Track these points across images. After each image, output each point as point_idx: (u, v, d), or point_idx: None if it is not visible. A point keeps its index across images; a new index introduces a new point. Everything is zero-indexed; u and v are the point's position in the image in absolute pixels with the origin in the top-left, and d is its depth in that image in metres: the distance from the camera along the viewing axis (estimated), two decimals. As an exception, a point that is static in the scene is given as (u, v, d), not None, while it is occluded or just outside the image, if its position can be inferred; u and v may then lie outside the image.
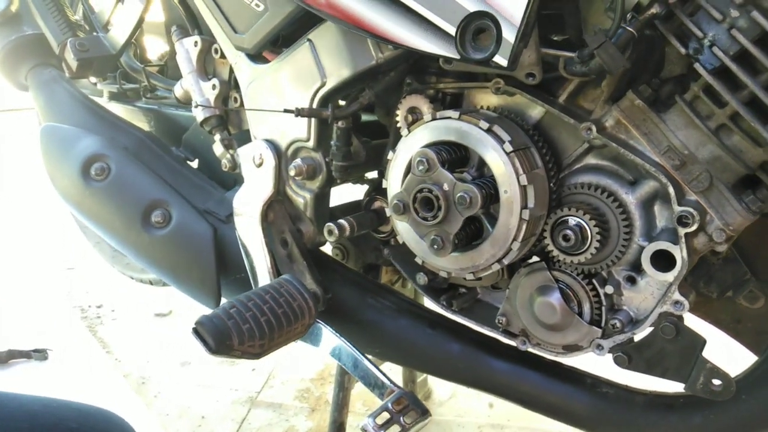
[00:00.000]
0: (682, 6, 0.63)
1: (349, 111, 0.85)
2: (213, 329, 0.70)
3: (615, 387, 0.86)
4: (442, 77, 0.83)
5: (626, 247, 0.74)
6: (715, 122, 0.66)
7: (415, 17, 0.67)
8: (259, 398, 1.66)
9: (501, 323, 0.86)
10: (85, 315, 2.17)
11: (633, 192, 0.74)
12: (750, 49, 0.59)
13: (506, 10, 0.61)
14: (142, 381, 1.76)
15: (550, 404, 0.89)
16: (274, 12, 0.85)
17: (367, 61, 0.80)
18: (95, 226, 1.10)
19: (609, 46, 0.58)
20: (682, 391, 0.80)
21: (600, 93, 0.74)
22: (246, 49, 0.93)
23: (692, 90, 0.67)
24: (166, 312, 2.17)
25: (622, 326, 0.76)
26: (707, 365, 0.72)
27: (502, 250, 0.74)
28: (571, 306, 0.79)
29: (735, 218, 0.68)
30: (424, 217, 0.76)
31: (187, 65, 1.09)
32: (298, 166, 0.92)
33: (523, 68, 0.69)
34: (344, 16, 0.72)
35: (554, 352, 0.83)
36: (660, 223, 0.74)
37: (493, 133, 0.72)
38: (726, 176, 0.68)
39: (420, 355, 0.97)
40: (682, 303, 0.71)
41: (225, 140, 1.06)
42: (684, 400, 0.81)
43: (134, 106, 1.38)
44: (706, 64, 0.62)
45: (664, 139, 0.70)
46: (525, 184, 0.71)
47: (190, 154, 1.23)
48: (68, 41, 1.18)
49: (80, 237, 1.88)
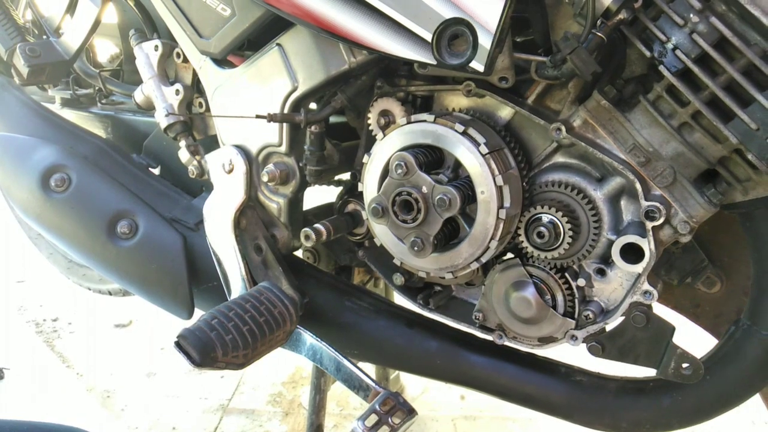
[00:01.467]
0: (645, 11, 0.65)
1: (322, 115, 0.85)
2: (196, 342, 0.69)
3: (588, 375, 0.90)
4: (412, 80, 0.84)
5: (596, 241, 0.77)
6: (678, 120, 0.70)
7: (390, 23, 0.68)
8: (230, 405, 1.64)
9: (478, 319, 0.88)
10: (41, 329, 2.08)
11: (600, 188, 0.77)
12: (710, 52, 0.62)
13: (481, 16, 0.62)
14: (108, 394, 1.70)
15: (527, 395, 0.91)
16: (241, 17, 0.84)
17: (339, 66, 0.81)
18: (57, 239, 1.06)
19: (581, 52, 0.60)
20: (651, 375, 0.84)
21: (566, 94, 0.76)
22: (212, 54, 0.92)
23: (655, 90, 0.70)
24: (126, 322, 2.10)
25: (594, 317, 0.79)
26: (678, 351, 0.76)
27: (480, 249, 0.76)
28: (546, 299, 0.81)
29: (698, 211, 0.72)
30: (404, 219, 0.77)
31: (148, 70, 1.06)
32: (271, 172, 0.91)
33: (497, 72, 0.71)
34: (318, 21, 0.72)
35: (530, 345, 0.86)
36: (627, 217, 0.77)
37: (469, 135, 0.73)
38: (688, 171, 0.72)
39: (399, 354, 0.98)
40: (651, 292, 0.75)
41: (191, 146, 1.04)
42: (653, 384, 0.85)
43: (89, 112, 1.34)
44: (669, 66, 0.65)
45: (629, 138, 0.73)
46: (501, 185, 0.72)
47: (152, 160, 1.20)
48: (17, 47, 1.13)
49: (30, 248, 1.80)
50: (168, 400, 1.67)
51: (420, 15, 0.66)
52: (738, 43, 0.61)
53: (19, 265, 2.45)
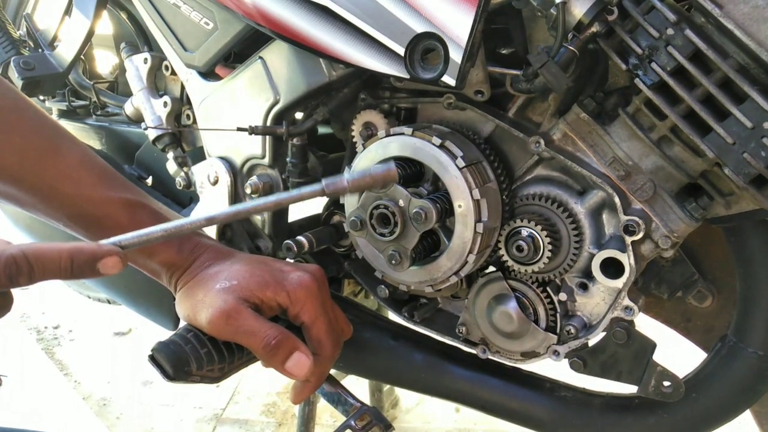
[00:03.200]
0: (621, 23, 0.65)
1: (303, 128, 0.85)
2: (170, 355, 0.68)
3: (573, 390, 0.89)
4: (395, 92, 0.84)
5: (577, 255, 0.76)
6: (657, 134, 0.69)
7: (364, 38, 0.68)
8: (224, 415, 1.64)
9: (461, 333, 0.87)
10: (42, 337, 2.09)
11: (582, 202, 0.76)
12: (685, 65, 0.62)
13: (452, 31, 0.62)
14: (104, 403, 1.71)
15: (512, 410, 0.90)
16: (223, 30, 0.85)
17: (319, 79, 0.81)
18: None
19: (552, 66, 0.60)
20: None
21: (548, 106, 0.76)
22: (197, 67, 0.92)
23: (634, 103, 0.69)
24: (126, 331, 2.11)
25: (576, 332, 0.78)
26: (657, 368, 0.75)
27: (458, 263, 0.76)
28: (527, 314, 0.80)
29: (679, 225, 0.71)
30: (381, 233, 0.76)
31: (138, 82, 1.07)
32: (254, 184, 0.91)
33: (472, 86, 0.70)
34: (293, 35, 0.72)
35: (513, 359, 0.85)
36: (608, 231, 0.76)
37: (446, 148, 0.73)
38: (669, 185, 0.71)
39: (384, 367, 0.97)
40: (632, 308, 0.73)
41: (179, 158, 1.05)
42: (639, 401, 0.84)
43: (84, 123, 1.35)
44: (646, 79, 0.65)
45: (609, 151, 0.72)
46: (478, 198, 0.72)
47: (143, 171, 1.21)
48: (12, 60, 1.15)
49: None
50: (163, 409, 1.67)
51: (393, 29, 0.66)
52: (713, 56, 0.60)
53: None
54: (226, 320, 0.68)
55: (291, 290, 0.72)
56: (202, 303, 0.70)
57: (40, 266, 0.51)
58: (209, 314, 0.69)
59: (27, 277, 0.50)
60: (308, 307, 0.72)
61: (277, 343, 0.68)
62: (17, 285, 0.50)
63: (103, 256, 0.53)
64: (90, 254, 0.52)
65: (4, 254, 0.49)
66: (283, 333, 0.69)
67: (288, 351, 0.68)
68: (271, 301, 0.72)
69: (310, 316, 0.72)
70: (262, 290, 0.71)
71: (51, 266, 0.51)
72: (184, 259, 0.76)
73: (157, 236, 0.57)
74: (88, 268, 0.52)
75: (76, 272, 0.52)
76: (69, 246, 0.52)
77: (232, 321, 0.68)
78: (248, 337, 0.68)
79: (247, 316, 0.69)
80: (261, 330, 0.68)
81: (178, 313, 0.76)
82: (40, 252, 0.51)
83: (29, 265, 0.50)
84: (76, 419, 1.65)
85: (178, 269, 0.77)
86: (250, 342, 0.68)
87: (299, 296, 0.72)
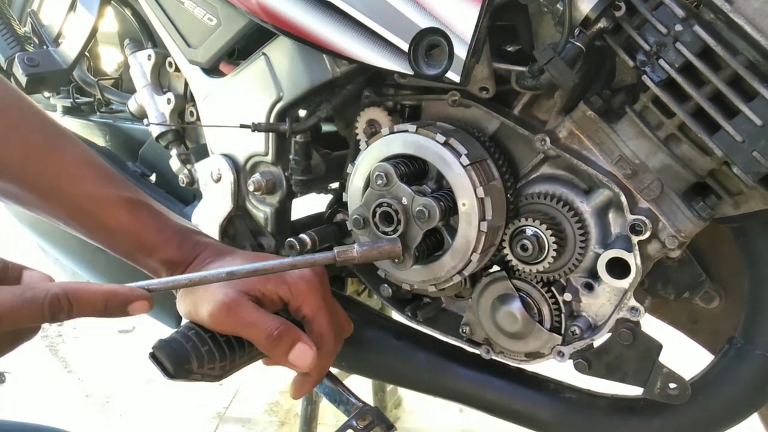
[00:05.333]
0: (629, 19, 0.64)
1: (307, 125, 0.85)
2: (171, 353, 0.68)
3: (577, 391, 0.88)
4: (399, 89, 0.83)
5: (582, 254, 0.75)
6: (664, 132, 0.68)
7: (368, 33, 0.67)
8: (227, 414, 1.64)
9: (464, 332, 0.86)
10: (46, 334, 2.10)
11: (588, 201, 0.75)
12: (694, 62, 0.61)
13: (457, 26, 0.61)
14: (107, 400, 1.71)
15: (515, 411, 0.89)
16: (227, 27, 0.84)
17: (323, 75, 0.80)
18: (50, 246, 1.07)
19: (558, 62, 0.59)
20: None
21: (554, 104, 0.75)
22: (200, 64, 0.92)
23: (641, 101, 0.68)
24: (130, 328, 2.12)
25: (581, 332, 0.77)
26: (663, 370, 0.74)
27: (462, 261, 0.75)
28: (532, 314, 0.79)
29: (686, 225, 0.70)
30: (384, 231, 0.76)
31: (141, 79, 1.07)
32: (257, 181, 0.91)
33: (477, 82, 0.70)
34: (296, 31, 0.72)
35: (517, 360, 0.84)
36: (615, 231, 0.75)
37: (450, 146, 0.72)
38: (676, 184, 0.70)
39: (386, 366, 0.96)
40: (638, 309, 0.72)
41: (182, 155, 1.04)
42: (644, 403, 0.83)
43: (89, 120, 1.35)
44: (654, 76, 0.64)
45: (615, 149, 0.71)
46: (482, 197, 0.71)
47: (147, 168, 1.20)
48: (16, 56, 1.14)
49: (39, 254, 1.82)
50: (166, 407, 1.67)
51: (397, 25, 0.65)
52: (722, 53, 0.59)
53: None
54: (227, 313, 0.68)
55: (292, 283, 0.72)
56: (202, 298, 0.70)
57: (78, 306, 0.58)
58: (210, 308, 0.69)
59: (66, 315, 0.57)
60: (310, 301, 0.72)
61: (279, 334, 0.68)
62: (56, 321, 0.58)
63: (135, 300, 0.61)
64: (123, 298, 0.60)
65: (49, 294, 0.56)
66: (285, 324, 0.69)
67: (291, 341, 0.69)
68: (273, 295, 0.72)
69: (311, 309, 0.72)
70: (263, 283, 0.71)
71: (87, 307, 0.58)
72: (185, 257, 0.76)
73: (183, 283, 0.67)
74: (119, 310, 0.60)
75: (109, 312, 0.60)
76: (104, 289, 0.60)
77: (234, 313, 0.68)
78: (250, 329, 0.68)
79: (248, 308, 0.69)
80: (263, 321, 0.68)
81: (179, 310, 0.75)
82: (80, 293, 0.58)
83: (70, 305, 0.57)
84: (78, 416, 1.65)
85: (179, 267, 0.77)
86: (252, 334, 0.69)
87: (301, 289, 0.72)
